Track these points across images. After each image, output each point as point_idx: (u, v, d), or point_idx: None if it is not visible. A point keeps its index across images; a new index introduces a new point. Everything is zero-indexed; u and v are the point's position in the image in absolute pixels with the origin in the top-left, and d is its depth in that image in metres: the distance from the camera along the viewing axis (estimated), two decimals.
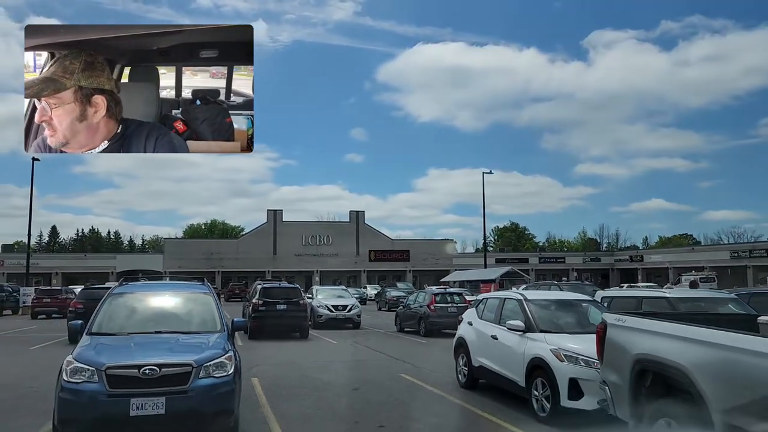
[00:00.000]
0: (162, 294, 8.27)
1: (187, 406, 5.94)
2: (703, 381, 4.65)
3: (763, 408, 4.13)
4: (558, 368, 7.27)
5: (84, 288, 20.26)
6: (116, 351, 6.27)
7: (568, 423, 7.07)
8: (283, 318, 18.87)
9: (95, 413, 5.78)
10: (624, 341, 5.72)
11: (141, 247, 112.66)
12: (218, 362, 6.29)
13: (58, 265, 67.03)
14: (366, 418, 7.81)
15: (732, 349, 4.47)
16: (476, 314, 10.01)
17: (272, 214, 68.32)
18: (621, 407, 5.77)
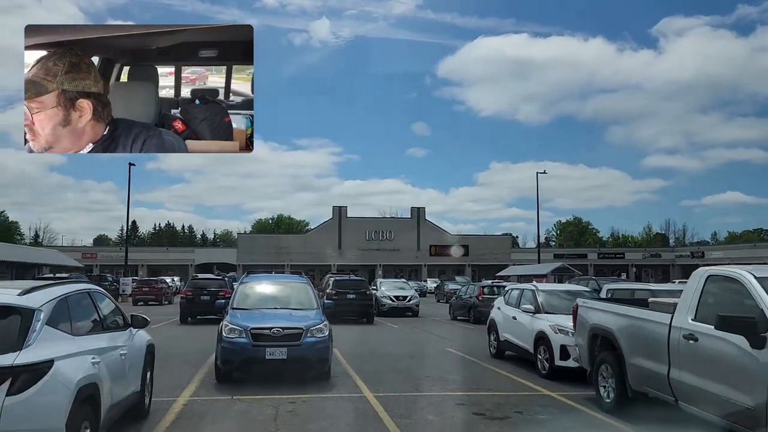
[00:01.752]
0: (275, 283, 11.70)
1: (300, 354, 9.25)
2: (620, 338, 7.57)
3: (644, 350, 7.02)
4: (554, 338, 10.19)
5: (191, 279, 24.33)
6: (254, 319, 9.65)
7: (559, 378, 9.98)
8: (353, 306, 22.25)
9: (244, 356, 9.18)
10: (586, 316, 8.62)
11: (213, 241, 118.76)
12: (318, 327, 9.58)
13: (144, 258, 72.97)
14: (416, 372, 10.94)
15: (634, 318, 7.38)
16: (503, 301, 13.01)
17: (337, 210, 72.01)
18: (584, 360, 8.68)
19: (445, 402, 8.52)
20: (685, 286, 6.90)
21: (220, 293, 21.21)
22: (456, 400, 8.55)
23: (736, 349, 5.47)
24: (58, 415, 4.35)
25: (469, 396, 8.83)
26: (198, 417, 7.48)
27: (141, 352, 7.04)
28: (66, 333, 4.95)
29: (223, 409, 7.91)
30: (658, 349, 6.74)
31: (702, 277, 6.46)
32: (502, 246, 74.12)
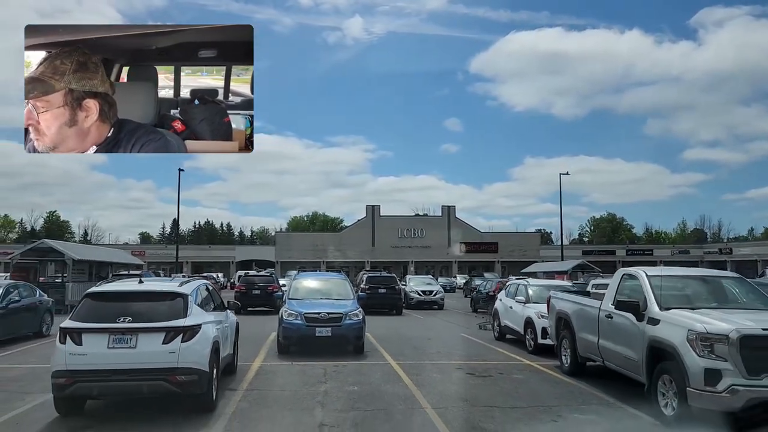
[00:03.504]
0: (320, 279, 14.88)
1: (340, 332, 12.35)
2: (573, 319, 10.43)
3: (586, 327, 9.88)
4: (537, 322, 13.05)
5: (244, 276, 27.77)
6: (306, 306, 12.77)
7: (540, 353, 12.84)
8: (384, 299, 25.29)
9: (300, 334, 12.32)
10: (554, 304, 11.47)
11: (250, 238, 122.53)
12: (354, 313, 12.65)
13: (187, 255, 76.67)
14: (430, 349, 13.91)
15: (581, 304, 10.24)
16: (505, 293, 15.90)
17: (371, 209, 74.99)
18: (552, 337, 11.56)
19: (447, 367, 11.50)
20: (611, 280, 9.74)
21: (268, 288, 24.64)
22: (456, 366, 11.53)
23: (629, 322, 8.31)
24: (204, 356, 7.47)
25: (467, 364, 11.79)
26: (270, 374, 10.62)
27: (233, 327, 10.22)
28: (202, 309, 8.10)
29: (286, 370, 11.04)
30: (592, 325, 9.59)
31: (619, 274, 9.33)
32: (532, 243, 76.30)
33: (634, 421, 7.62)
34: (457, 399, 8.66)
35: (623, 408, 8.18)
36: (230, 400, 8.36)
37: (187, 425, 7.16)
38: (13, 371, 10.92)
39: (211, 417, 7.46)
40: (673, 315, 7.53)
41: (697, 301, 8.14)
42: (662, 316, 7.66)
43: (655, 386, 7.49)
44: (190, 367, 7.18)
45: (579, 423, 7.50)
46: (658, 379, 7.46)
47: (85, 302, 7.52)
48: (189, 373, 7.16)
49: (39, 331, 15.73)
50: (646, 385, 7.77)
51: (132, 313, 7.29)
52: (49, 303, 16.87)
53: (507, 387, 9.61)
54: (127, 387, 7.09)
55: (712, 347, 6.73)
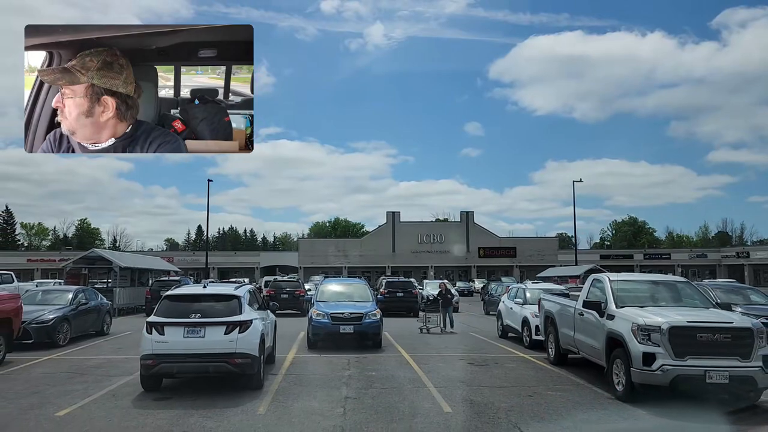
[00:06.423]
0: (343, 284, 17.04)
1: (361, 329, 14.47)
2: (557, 317, 12.40)
3: (566, 323, 11.84)
4: (532, 321, 15.00)
5: (273, 281, 30.03)
6: (331, 307, 14.90)
7: (535, 348, 14.78)
8: (401, 302, 27.38)
9: (327, 331, 14.47)
10: (543, 305, 13.43)
11: (273, 244, 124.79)
12: (373, 313, 14.75)
13: (214, 261, 79.00)
14: (439, 345, 15.93)
15: (563, 304, 12.21)
16: (507, 296, 17.87)
17: (391, 215, 76.97)
18: (542, 333, 13.51)
19: (452, 358, 13.53)
20: (584, 284, 11.71)
21: (296, 292, 26.88)
22: (459, 358, 13.55)
23: (594, 318, 10.27)
24: (255, 344, 9.62)
25: (469, 356, 13.81)
26: (303, 363, 12.74)
27: (273, 324, 12.38)
28: (252, 308, 10.26)
29: (316, 360, 13.16)
30: (570, 322, 11.55)
31: (590, 279, 11.31)
32: (550, 247, 77.67)
33: (594, 395, 9.59)
34: (455, 381, 10.69)
35: (589, 387, 10.15)
36: (273, 382, 10.50)
37: (244, 397, 9.30)
38: (92, 361, 13.19)
39: (260, 393, 9.59)
40: (624, 311, 9.50)
41: (647, 301, 10.08)
42: (617, 313, 9.63)
43: (611, 369, 9.47)
44: (245, 353, 9.32)
45: (549, 398, 9.46)
46: (613, 363, 9.43)
47: (163, 302, 9.73)
48: (244, 357, 9.31)
49: (101, 330, 18.08)
50: (606, 369, 9.73)
51: (200, 310, 9.48)
52: (108, 306, 19.23)
53: (498, 373, 11.61)
54: (198, 367, 9.26)
55: (649, 336, 8.69)
